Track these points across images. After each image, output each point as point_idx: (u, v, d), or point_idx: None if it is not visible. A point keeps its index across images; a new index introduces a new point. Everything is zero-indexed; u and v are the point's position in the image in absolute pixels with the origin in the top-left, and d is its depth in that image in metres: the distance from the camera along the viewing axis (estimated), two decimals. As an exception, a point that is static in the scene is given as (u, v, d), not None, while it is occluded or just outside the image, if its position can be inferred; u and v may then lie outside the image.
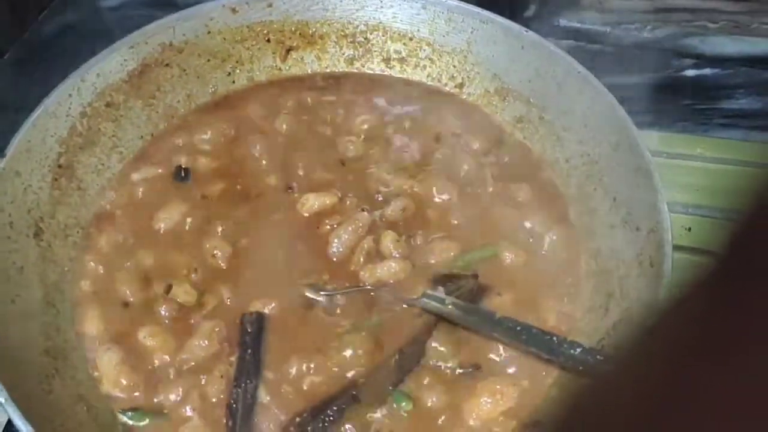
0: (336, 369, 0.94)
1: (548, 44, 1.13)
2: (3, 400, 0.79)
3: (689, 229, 1.26)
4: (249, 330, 0.95)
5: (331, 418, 0.88)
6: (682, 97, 1.56)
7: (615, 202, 1.03)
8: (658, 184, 0.94)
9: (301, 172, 1.15)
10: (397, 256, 1.04)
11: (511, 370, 0.93)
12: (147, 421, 0.91)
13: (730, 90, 1.54)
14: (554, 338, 0.88)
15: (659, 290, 0.87)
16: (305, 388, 0.92)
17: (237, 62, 1.26)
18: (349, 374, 0.93)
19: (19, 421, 0.77)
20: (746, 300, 0.28)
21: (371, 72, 1.30)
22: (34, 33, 1.55)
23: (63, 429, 0.84)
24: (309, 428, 0.88)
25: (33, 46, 1.52)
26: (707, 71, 1.55)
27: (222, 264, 1.03)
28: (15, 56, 1.51)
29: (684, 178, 1.32)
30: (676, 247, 0.92)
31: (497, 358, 0.94)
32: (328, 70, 1.31)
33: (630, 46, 1.54)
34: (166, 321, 0.99)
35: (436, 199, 1.12)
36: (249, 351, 0.94)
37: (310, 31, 1.28)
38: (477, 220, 1.10)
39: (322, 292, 1.01)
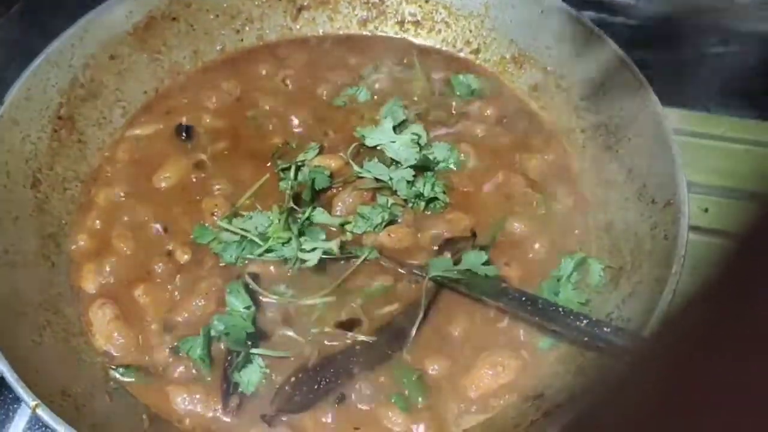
0: (333, 333, 0.91)
1: (568, 8, 1.08)
2: (-10, 349, 0.77)
3: (706, 210, 1.21)
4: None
5: (327, 381, 0.86)
6: (706, 74, 1.50)
7: (630, 173, 0.99)
8: (677, 154, 0.90)
9: (307, 134, 1.11)
10: (402, 222, 1.01)
11: (513, 343, 0.90)
12: (138, 377, 0.89)
13: (757, 69, 1.48)
14: (560, 309, 0.85)
15: (672, 264, 0.83)
16: (302, 351, 0.90)
17: (246, 19, 1.22)
18: (347, 338, 0.90)
19: (4, 368, 0.75)
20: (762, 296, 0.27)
21: (384, 35, 1.26)
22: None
23: (53, 381, 0.82)
24: (304, 389, 0.85)
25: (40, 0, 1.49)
26: (733, 49, 1.49)
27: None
28: (24, 6, 1.48)
29: (704, 158, 1.27)
30: (693, 228, 0.88)
31: (499, 329, 0.91)
32: (340, 32, 1.27)
33: (654, 19, 1.48)
34: (162, 279, 0.96)
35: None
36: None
37: (323, -10, 1.24)
38: (485, 190, 1.06)
39: (324, 257, 0.97)
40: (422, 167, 1.05)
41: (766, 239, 0.29)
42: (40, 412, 0.73)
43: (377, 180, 1.03)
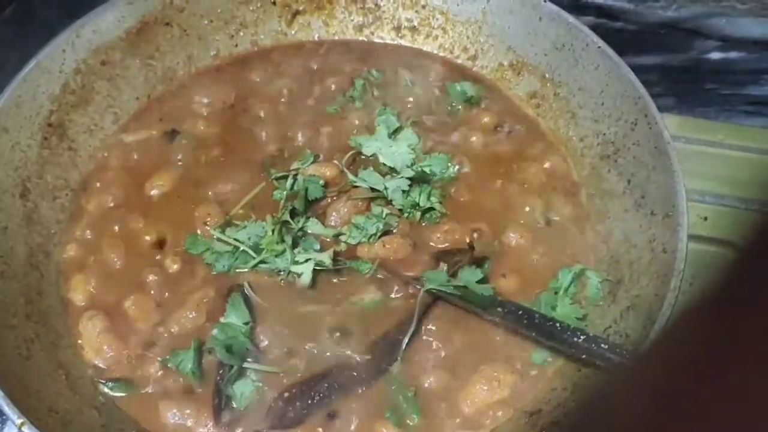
0: (327, 346, 0.89)
1: (567, 16, 1.07)
2: (-25, 364, 0.75)
3: (705, 219, 1.20)
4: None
5: (320, 396, 0.84)
6: (705, 80, 1.49)
7: (629, 184, 0.97)
8: (676, 165, 0.89)
9: (301, 142, 1.10)
10: (397, 232, 0.99)
11: (509, 358, 0.89)
12: (128, 392, 0.88)
13: (756, 75, 1.47)
14: (557, 324, 0.83)
15: (671, 278, 0.81)
16: (294, 365, 0.88)
17: (241, 24, 1.20)
18: (340, 352, 0.89)
19: (-10, 387, 0.74)
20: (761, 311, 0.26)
21: (380, 40, 1.24)
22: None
23: (39, 396, 0.81)
24: (297, 404, 0.84)
25: (34, 1, 1.47)
26: (733, 54, 1.48)
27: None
28: (16, 10, 1.46)
29: (702, 165, 1.26)
30: (692, 237, 0.86)
31: (495, 343, 0.90)
32: (336, 38, 1.26)
33: (653, 25, 1.47)
34: (154, 290, 0.95)
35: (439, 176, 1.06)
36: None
37: (319, -6, 1.22)
38: (482, 200, 1.05)
39: (317, 267, 0.96)
40: (419, 179, 1.03)
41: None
42: (26, 430, 0.72)
43: (372, 189, 1.01)
